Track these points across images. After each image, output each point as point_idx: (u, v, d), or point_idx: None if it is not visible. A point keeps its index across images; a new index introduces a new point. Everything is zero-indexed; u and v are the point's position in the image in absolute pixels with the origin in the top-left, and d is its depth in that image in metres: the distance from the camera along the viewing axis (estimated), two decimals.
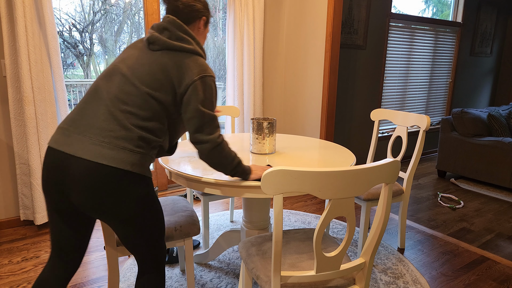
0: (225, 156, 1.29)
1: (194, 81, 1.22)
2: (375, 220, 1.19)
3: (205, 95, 1.24)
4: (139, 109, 1.17)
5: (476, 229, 2.71)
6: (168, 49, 1.24)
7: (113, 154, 1.11)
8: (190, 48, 1.26)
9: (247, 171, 1.36)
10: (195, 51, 1.27)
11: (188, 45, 1.26)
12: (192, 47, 1.26)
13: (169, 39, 1.25)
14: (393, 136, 2.35)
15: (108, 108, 1.15)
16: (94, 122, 1.14)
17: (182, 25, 1.27)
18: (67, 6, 6.13)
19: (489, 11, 5.26)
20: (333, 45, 3.11)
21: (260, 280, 1.25)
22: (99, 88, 1.20)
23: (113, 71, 1.23)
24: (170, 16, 1.27)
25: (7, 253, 2.28)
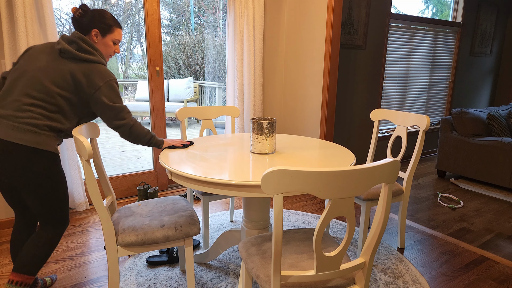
0: (139, 134, 1.71)
1: (100, 87, 1.58)
2: (375, 220, 1.19)
3: (110, 94, 1.61)
4: (47, 104, 1.52)
5: (475, 229, 2.71)
6: (76, 59, 1.58)
7: (20, 135, 1.46)
8: (94, 59, 1.60)
9: (160, 142, 1.82)
10: (98, 61, 1.62)
11: (93, 57, 1.60)
12: (95, 58, 1.61)
13: (77, 51, 1.59)
14: (393, 136, 2.35)
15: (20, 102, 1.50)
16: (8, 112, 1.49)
17: (87, 40, 1.62)
18: (67, 6, 6.13)
19: (489, 11, 5.26)
20: (333, 45, 3.11)
21: (260, 280, 1.25)
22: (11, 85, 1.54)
23: (23, 72, 1.55)
24: (78, 33, 1.62)
25: (7, 253, 2.28)
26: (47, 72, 1.54)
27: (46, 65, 1.55)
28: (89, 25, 1.65)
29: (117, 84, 1.65)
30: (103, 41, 1.70)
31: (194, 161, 1.67)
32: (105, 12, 1.70)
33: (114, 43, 1.75)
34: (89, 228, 2.62)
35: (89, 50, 1.61)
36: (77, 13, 1.64)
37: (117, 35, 1.73)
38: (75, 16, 1.64)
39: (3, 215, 2.59)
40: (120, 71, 11.68)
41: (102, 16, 1.68)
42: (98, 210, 1.47)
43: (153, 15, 3.00)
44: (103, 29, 1.68)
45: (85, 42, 1.61)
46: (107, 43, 1.71)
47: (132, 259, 2.21)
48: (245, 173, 1.49)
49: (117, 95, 1.64)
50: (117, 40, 1.74)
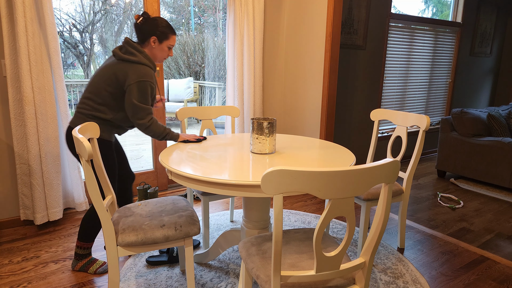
0: (154, 132, 1.93)
1: (130, 84, 1.81)
2: (375, 220, 1.19)
3: (138, 94, 1.82)
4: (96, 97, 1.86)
5: (475, 229, 2.71)
6: (120, 59, 1.86)
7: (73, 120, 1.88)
8: (134, 60, 1.84)
9: (175, 137, 2.01)
10: (138, 61, 1.85)
11: (133, 57, 1.84)
12: (136, 58, 1.85)
13: (123, 53, 1.87)
14: (393, 136, 2.35)
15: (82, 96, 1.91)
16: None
17: (133, 43, 1.89)
18: (67, 6, 6.13)
19: (488, 11, 5.26)
20: (333, 45, 3.11)
21: (260, 280, 1.25)
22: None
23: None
24: (127, 38, 1.91)
25: (7, 253, 2.28)
26: (101, 71, 1.87)
27: (103, 66, 1.88)
28: (149, 32, 1.90)
29: (150, 86, 1.85)
30: (160, 46, 1.94)
31: (194, 161, 1.67)
32: (161, 20, 1.92)
33: (169, 48, 1.98)
34: None
35: (132, 51, 1.86)
36: (139, 20, 1.88)
37: (172, 41, 1.96)
38: (137, 23, 1.89)
39: (3, 215, 2.60)
40: None
41: (159, 25, 1.90)
42: (98, 210, 1.47)
43: (153, 15, 3.00)
44: (160, 36, 1.91)
45: (130, 46, 1.87)
46: (163, 48, 1.95)
47: (132, 259, 2.21)
48: (245, 173, 1.49)
49: (144, 95, 1.83)
50: (171, 45, 1.97)
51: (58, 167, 2.62)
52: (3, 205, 2.59)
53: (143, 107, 1.84)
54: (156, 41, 1.92)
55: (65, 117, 2.62)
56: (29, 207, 2.59)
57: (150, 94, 1.86)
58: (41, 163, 2.53)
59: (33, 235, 2.51)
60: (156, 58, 1.97)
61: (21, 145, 2.49)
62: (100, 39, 10.62)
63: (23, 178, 2.53)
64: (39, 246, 2.36)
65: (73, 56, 10.15)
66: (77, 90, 6.38)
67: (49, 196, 2.58)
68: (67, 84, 6.10)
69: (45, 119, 2.51)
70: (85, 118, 1.86)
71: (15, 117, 2.44)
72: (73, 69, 10.58)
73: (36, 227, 2.63)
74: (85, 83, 6.61)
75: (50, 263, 2.16)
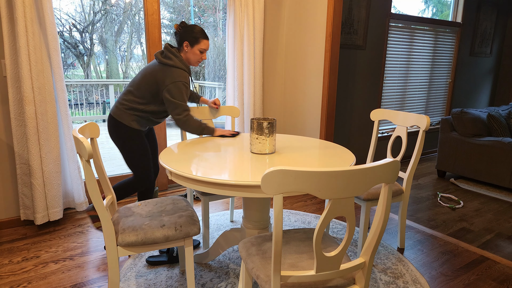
0: (191, 126, 2.12)
1: (168, 85, 2.07)
2: (375, 220, 1.19)
3: (175, 93, 2.07)
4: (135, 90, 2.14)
5: (475, 229, 2.71)
6: (159, 63, 2.13)
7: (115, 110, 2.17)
8: (171, 63, 2.10)
9: (211, 131, 2.19)
10: (174, 65, 2.10)
11: (170, 61, 2.10)
12: (172, 62, 2.10)
13: (162, 57, 2.13)
14: (393, 136, 2.35)
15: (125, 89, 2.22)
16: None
17: (171, 49, 2.13)
18: (67, 6, 6.12)
19: (488, 11, 5.26)
20: (333, 45, 3.11)
21: (260, 280, 1.25)
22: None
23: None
24: (167, 44, 2.16)
25: (8, 253, 2.28)
26: (144, 72, 2.14)
27: (146, 67, 2.16)
28: (182, 38, 2.13)
29: (185, 86, 2.10)
30: (192, 50, 2.14)
31: (194, 161, 1.67)
32: (194, 27, 2.13)
33: (201, 52, 2.16)
34: (89, 228, 2.62)
35: (169, 56, 2.11)
36: (177, 29, 2.14)
37: (203, 45, 2.14)
38: (176, 31, 2.15)
39: (3, 215, 2.60)
40: (120, 71, 11.68)
41: (191, 31, 2.12)
42: (98, 210, 1.47)
43: (153, 15, 3.00)
44: (192, 41, 2.12)
45: (169, 51, 2.12)
46: (194, 52, 2.15)
47: (132, 259, 2.21)
48: (245, 173, 1.49)
49: (180, 94, 2.08)
50: (202, 49, 2.15)
51: (58, 167, 2.62)
52: (3, 205, 2.59)
53: (179, 104, 2.07)
54: (188, 46, 2.13)
55: (65, 117, 2.62)
56: (29, 207, 2.59)
57: (185, 93, 2.10)
58: (41, 163, 2.53)
59: (33, 235, 2.51)
60: (190, 62, 2.18)
61: (21, 145, 2.49)
62: (100, 39, 10.62)
63: (23, 178, 2.54)
64: (39, 246, 2.36)
65: (73, 56, 10.15)
66: (77, 90, 6.38)
67: (49, 196, 2.58)
68: (67, 84, 6.10)
69: (45, 119, 2.51)
70: (123, 109, 2.14)
71: (15, 117, 2.44)
72: (73, 69, 10.59)
73: (36, 227, 2.63)
74: (85, 83, 6.61)
75: (50, 263, 2.16)
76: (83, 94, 8.39)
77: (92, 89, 8.88)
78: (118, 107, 2.15)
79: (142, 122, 2.19)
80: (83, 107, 8.28)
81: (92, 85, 9.00)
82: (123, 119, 2.13)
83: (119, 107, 2.15)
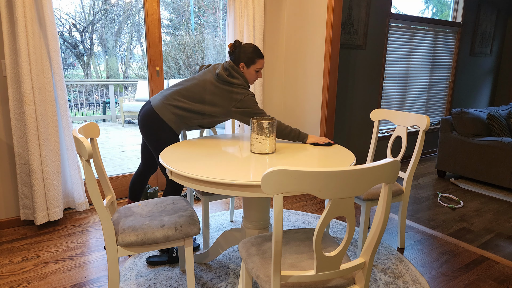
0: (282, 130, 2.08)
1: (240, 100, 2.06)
2: (375, 220, 1.19)
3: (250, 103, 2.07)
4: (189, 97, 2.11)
5: (475, 229, 2.71)
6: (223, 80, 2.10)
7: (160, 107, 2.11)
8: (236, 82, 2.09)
9: (304, 137, 2.10)
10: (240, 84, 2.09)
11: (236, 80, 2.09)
12: (239, 81, 2.09)
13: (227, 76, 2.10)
14: (393, 136, 2.35)
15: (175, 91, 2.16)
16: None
17: (237, 68, 2.11)
18: (67, 6, 6.13)
19: (489, 11, 5.26)
20: (333, 45, 3.11)
21: (260, 280, 1.25)
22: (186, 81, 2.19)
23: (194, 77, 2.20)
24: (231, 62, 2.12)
25: (7, 253, 2.28)
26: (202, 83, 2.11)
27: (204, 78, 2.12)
28: (238, 59, 2.11)
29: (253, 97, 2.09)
30: (248, 71, 2.13)
31: (194, 161, 1.67)
32: (248, 47, 2.11)
33: (256, 71, 2.15)
34: (89, 228, 2.62)
35: (236, 76, 2.09)
36: (231, 48, 2.12)
37: (258, 65, 2.12)
38: (230, 51, 2.13)
39: (3, 215, 2.60)
40: (120, 71, 11.68)
41: (246, 51, 2.10)
42: (98, 210, 1.47)
43: (153, 15, 3.00)
44: (247, 62, 2.11)
45: (234, 70, 2.09)
46: (250, 72, 2.14)
47: (132, 259, 2.21)
48: (245, 173, 1.49)
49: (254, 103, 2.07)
50: (258, 69, 2.14)
51: (58, 167, 2.62)
52: (3, 205, 2.59)
53: (260, 111, 2.06)
54: (244, 67, 2.12)
55: (65, 117, 2.62)
56: (29, 207, 2.59)
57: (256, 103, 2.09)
58: (41, 163, 2.53)
59: (33, 235, 2.51)
60: (248, 80, 2.17)
61: (21, 145, 2.49)
62: (100, 39, 10.62)
63: (23, 178, 2.54)
64: (39, 246, 2.36)
65: (73, 56, 10.15)
66: (77, 90, 6.38)
67: (49, 196, 2.58)
68: (67, 84, 6.10)
69: (45, 119, 2.51)
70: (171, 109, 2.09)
71: (15, 117, 2.44)
72: (73, 69, 10.58)
73: (36, 227, 2.63)
74: (85, 83, 6.59)
75: (50, 263, 2.16)
76: (83, 94, 8.39)
77: (92, 89, 8.88)
78: (165, 105, 2.09)
79: (180, 127, 2.14)
80: (83, 107, 8.28)
81: (92, 85, 9.01)
82: (165, 117, 2.08)
83: (167, 106, 2.08)
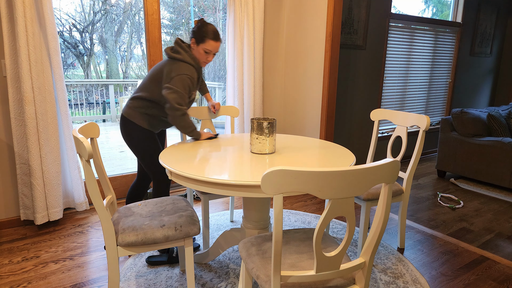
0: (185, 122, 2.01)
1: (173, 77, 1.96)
2: (375, 220, 1.19)
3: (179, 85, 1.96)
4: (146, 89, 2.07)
5: (475, 229, 2.71)
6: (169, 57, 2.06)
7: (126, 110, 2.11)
8: (179, 57, 2.02)
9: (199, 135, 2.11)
10: (182, 59, 2.02)
11: (178, 55, 2.03)
12: (180, 56, 2.02)
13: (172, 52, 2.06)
14: (393, 136, 2.35)
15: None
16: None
17: (180, 43, 2.06)
18: (67, 6, 6.13)
19: (489, 11, 5.26)
20: (333, 45, 3.11)
21: (260, 280, 1.25)
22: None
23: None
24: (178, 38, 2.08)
25: (8, 253, 2.28)
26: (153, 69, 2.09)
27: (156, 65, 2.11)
28: (192, 34, 2.04)
29: (190, 81, 1.99)
30: (197, 49, 2.04)
31: (194, 161, 1.67)
32: (207, 26, 2.01)
33: (206, 52, 2.03)
34: (89, 228, 2.62)
35: (179, 50, 2.03)
36: (195, 24, 2.05)
37: (208, 45, 2.00)
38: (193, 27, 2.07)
39: (3, 215, 2.60)
40: (120, 71, 11.67)
41: (201, 29, 2.00)
42: (98, 210, 1.47)
43: (153, 15, 3.00)
44: (198, 38, 2.02)
45: (178, 45, 2.04)
46: (199, 51, 2.04)
47: (132, 259, 2.21)
48: (245, 173, 1.49)
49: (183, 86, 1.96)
50: (207, 50, 2.02)
51: (58, 167, 2.62)
52: (3, 205, 2.59)
53: (182, 95, 1.96)
54: (194, 43, 2.04)
55: (65, 117, 2.62)
56: (29, 207, 2.59)
57: (188, 88, 2.00)
58: (41, 163, 2.53)
59: (33, 235, 2.51)
60: (197, 60, 2.08)
61: (21, 145, 2.49)
62: (100, 39, 10.61)
63: (23, 178, 2.53)
64: (39, 246, 2.36)
65: (73, 56, 10.15)
66: (77, 90, 6.38)
67: (49, 196, 2.58)
68: (67, 84, 6.10)
69: (45, 119, 2.51)
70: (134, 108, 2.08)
71: (15, 117, 2.44)
72: (73, 69, 10.58)
73: (36, 227, 2.63)
74: (85, 83, 6.60)
75: (50, 263, 2.16)
76: (83, 94, 8.39)
77: (92, 89, 8.88)
78: (129, 106, 2.09)
79: (153, 123, 2.13)
80: (83, 107, 8.28)
81: (92, 85, 9.00)
82: (135, 119, 2.07)
83: (130, 106, 2.09)
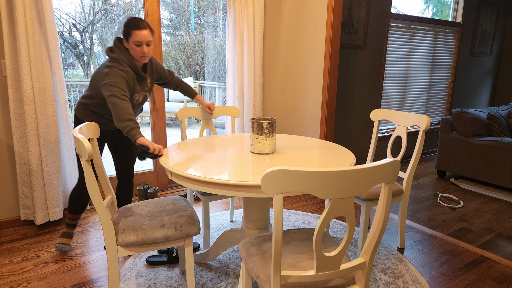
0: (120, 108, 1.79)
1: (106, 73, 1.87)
2: (375, 220, 1.19)
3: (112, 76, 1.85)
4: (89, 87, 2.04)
5: (475, 229, 2.71)
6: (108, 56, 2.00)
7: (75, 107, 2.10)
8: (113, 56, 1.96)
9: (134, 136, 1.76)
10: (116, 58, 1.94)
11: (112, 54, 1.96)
12: (114, 55, 1.95)
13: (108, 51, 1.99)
14: (393, 136, 2.35)
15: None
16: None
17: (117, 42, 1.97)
18: (67, 6, 6.13)
19: (489, 11, 5.26)
20: (333, 45, 3.11)
21: (260, 280, 1.25)
22: None
23: None
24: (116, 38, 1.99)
25: (8, 253, 2.28)
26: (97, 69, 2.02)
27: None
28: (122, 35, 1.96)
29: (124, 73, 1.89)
30: (129, 45, 1.93)
31: (194, 161, 1.67)
32: (129, 20, 1.90)
33: (137, 45, 1.90)
34: (89, 228, 2.62)
35: (114, 49, 1.95)
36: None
37: (135, 37, 1.87)
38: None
39: (3, 215, 2.60)
40: None
41: (125, 26, 1.90)
42: (98, 210, 1.47)
43: (153, 15, 3.00)
44: (125, 35, 1.91)
45: (114, 44, 1.96)
46: (131, 46, 1.92)
47: (132, 259, 2.21)
48: (245, 173, 1.49)
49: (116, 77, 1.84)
50: (138, 42, 1.89)
51: (58, 167, 2.62)
52: (3, 205, 2.59)
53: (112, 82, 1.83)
54: (126, 41, 1.94)
55: (65, 117, 2.62)
56: (29, 207, 2.59)
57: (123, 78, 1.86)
58: (41, 163, 2.53)
59: (33, 235, 2.51)
60: (134, 57, 1.96)
61: (21, 145, 2.49)
62: (100, 39, 10.61)
63: (23, 178, 2.53)
64: (39, 246, 2.36)
65: (73, 56, 10.14)
66: (77, 90, 6.38)
67: (49, 196, 2.58)
68: (67, 84, 6.10)
69: (45, 119, 2.51)
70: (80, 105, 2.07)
71: (15, 117, 2.44)
72: (73, 69, 10.57)
73: (36, 227, 2.63)
74: (85, 83, 6.63)
75: (50, 263, 2.16)
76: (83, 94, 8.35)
77: None
78: (78, 103, 2.10)
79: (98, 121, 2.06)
80: None
81: None
82: (80, 114, 2.06)
83: (78, 103, 2.09)
